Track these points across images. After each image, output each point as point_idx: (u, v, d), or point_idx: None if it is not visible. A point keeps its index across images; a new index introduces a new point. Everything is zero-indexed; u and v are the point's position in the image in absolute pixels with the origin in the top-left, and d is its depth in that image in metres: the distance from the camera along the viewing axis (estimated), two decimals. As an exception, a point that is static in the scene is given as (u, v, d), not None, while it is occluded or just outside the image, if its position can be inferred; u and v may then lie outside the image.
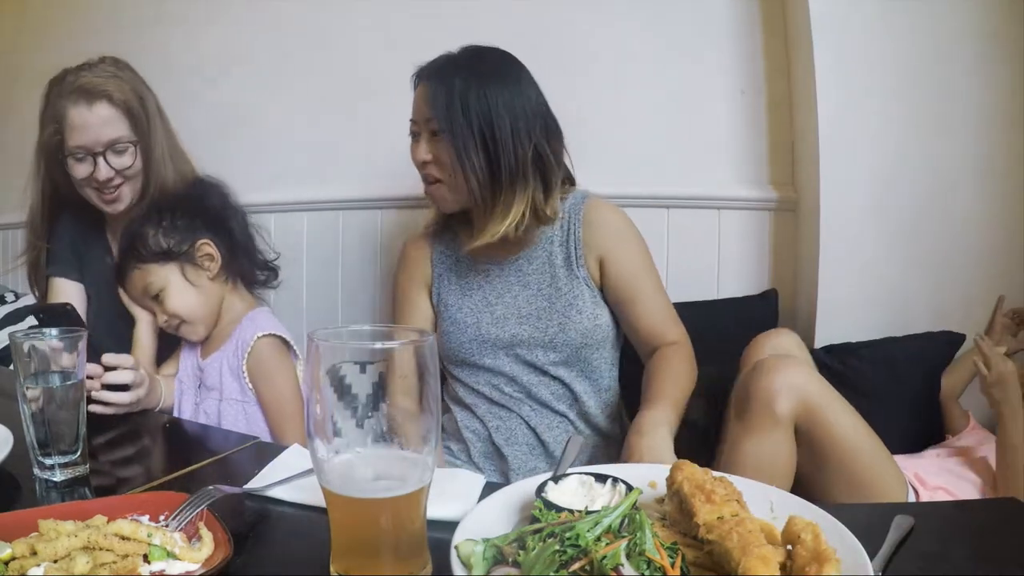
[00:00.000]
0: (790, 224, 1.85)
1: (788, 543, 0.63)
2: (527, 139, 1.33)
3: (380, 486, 0.64)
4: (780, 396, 1.08)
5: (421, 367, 0.63)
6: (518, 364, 1.44)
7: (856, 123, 1.70)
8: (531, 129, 1.33)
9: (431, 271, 1.54)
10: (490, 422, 1.45)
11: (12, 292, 2.28)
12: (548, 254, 1.44)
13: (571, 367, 1.43)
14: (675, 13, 1.86)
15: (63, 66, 1.53)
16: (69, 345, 0.95)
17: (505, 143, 1.31)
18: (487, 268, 1.47)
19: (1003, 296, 1.50)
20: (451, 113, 1.31)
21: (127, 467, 1.09)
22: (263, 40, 2.15)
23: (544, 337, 1.41)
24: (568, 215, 1.44)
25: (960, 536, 0.81)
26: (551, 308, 1.41)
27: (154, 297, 1.45)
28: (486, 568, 0.62)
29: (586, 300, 1.41)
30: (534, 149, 1.34)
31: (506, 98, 1.32)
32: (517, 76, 1.37)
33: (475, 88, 1.31)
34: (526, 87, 1.36)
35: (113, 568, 0.68)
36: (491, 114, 1.31)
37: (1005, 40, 1.65)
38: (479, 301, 1.46)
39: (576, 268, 1.41)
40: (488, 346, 1.44)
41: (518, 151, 1.32)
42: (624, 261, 1.42)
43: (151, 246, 1.43)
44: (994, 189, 1.69)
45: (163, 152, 1.56)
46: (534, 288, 1.43)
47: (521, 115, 1.33)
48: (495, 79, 1.33)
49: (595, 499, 0.74)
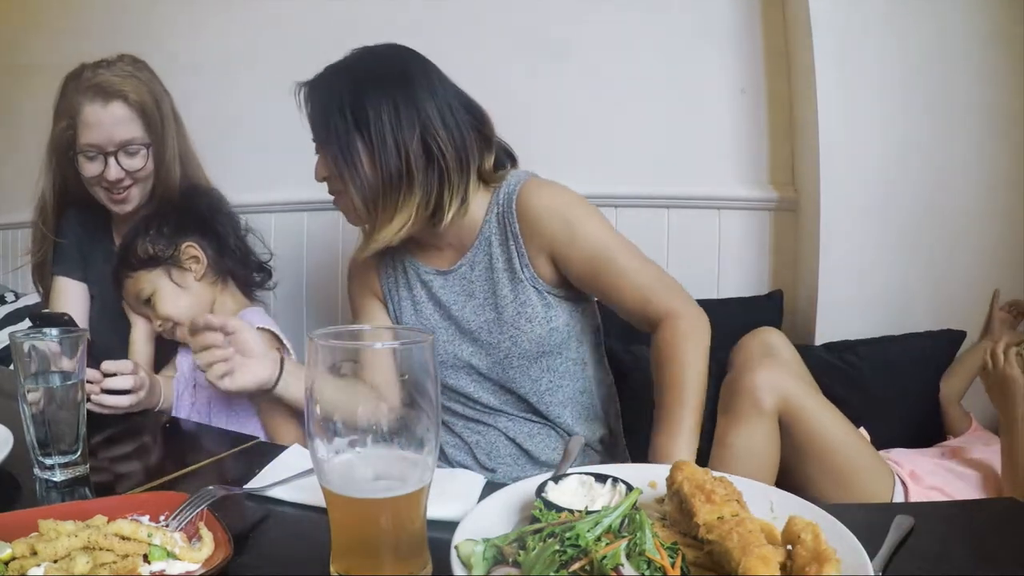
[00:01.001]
0: (790, 224, 1.85)
1: (788, 543, 0.63)
2: (411, 134, 1.21)
3: (380, 486, 0.64)
4: (764, 392, 1.14)
5: (421, 367, 0.63)
6: (481, 382, 1.34)
7: (856, 123, 1.70)
8: (417, 123, 1.22)
9: (379, 285, 1.45)
10: (469, 438, 1.37)
11: (12, 292, 2.28)
12: (489, 257, 1.32)
13: (536, 379, 1.32)
14: (675, 13, 1.87)
15: (62, 66, 1.53)
16: (69, 345, 0.95)
17: (383, 143, 1.20)
18: (431, 278, 1.37)
19: (998, 290, 1.49)
20: (325, 125, 1.24)
21: (127, 467, 1.09)
22: (264, 39, 2.14)
23: (499, 353, 1.31)
24: (502, 207, 1.30)
25: (960, 536, 0.81)
26: (499, 320, 1.30)
27: (146, 302, 1.47)
28: (486, 568, 0.62)
29: (535, 306, 1.29)
30: (421, 143, 1.22)
31: (380, 96, 1.21)
32: (401, 71, 1.25)
33: (346, 94, 1.22)
34: (414, 80, 1.25)
35: (113, 568, 0.68)
36: (363, 117, 1.21)
37: (1005, 40, 1.65)
38: (430, 317, 1.37)
39: (520, 270, 1.28)
40: (448, 367, 1.35)
41: (400, 149, 1.21)
42: (577, 251, 1.25)
43: (139, 254, 1.46)
44: (994, 189, 1.69)
45: (174, 155, 1.56)
46: (480, 298, 1.33)
47: (404, 111, 1.21)
48: (369, 80, 1.24)
49: (595, 499, 0.74)
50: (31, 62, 2.41)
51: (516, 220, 1.28)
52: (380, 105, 1.21)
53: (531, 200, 1.28)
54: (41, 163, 1.59)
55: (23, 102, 2.41)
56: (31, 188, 1.64)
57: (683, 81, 1.87)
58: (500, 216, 1.31)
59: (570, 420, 1.34)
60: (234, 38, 2.18)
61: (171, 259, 1.47)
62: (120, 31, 2.26)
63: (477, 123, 1.30)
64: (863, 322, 1.72)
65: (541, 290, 1.29)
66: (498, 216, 1.31)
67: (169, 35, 2.22)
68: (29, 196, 1.66)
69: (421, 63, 1.29)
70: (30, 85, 2.38)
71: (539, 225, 1.26)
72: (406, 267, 1.40)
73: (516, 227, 1.28)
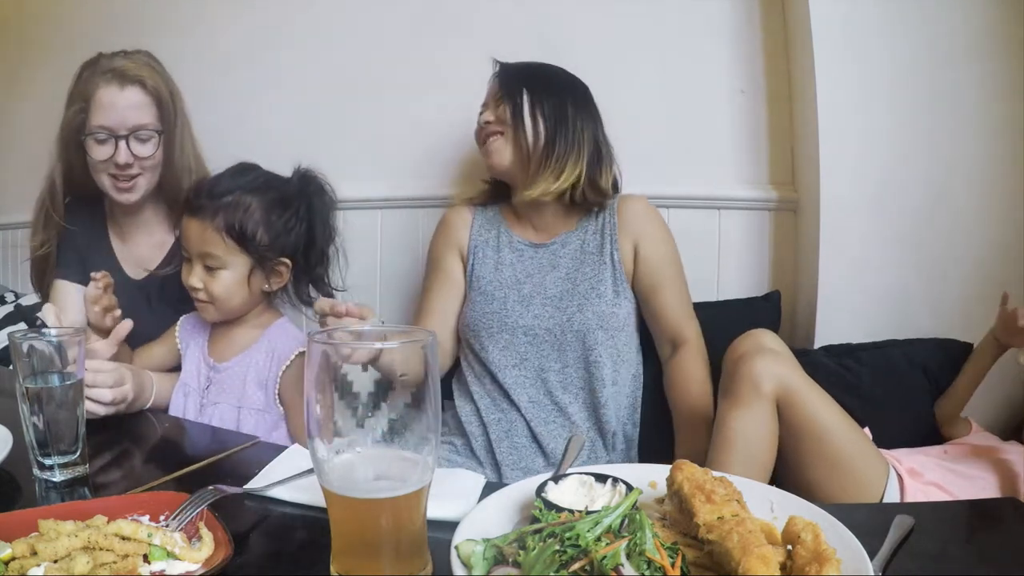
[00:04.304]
0: (790, 224, 1.85)
1: (788, 543, 0.63)
2: (586, 126, 1.50)
3: (380, 486, 0.64)
4: (763, 378, 1.20)
5: (422, 367, 0.63)
6: (532, 345, 1.48)
7: (856, 123, 1.70)
8: (591, 122, 1.52)
9: (468, 240, 1.60)
10: (487, 416, 1.49)
11: (12, 292, 2.28)
12: (582, 241, 1.53)
13: (589, 347, 1.46)
14: (675, 13, 1.86)
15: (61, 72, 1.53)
16: (69, 345, 0.95)
17: (564, 120, 1.48)
18: (523, 248, 1.56)
19: (1007, 294, 1.47)
20: (538, 79, 1.53)
21: (127, 467, 1.09)
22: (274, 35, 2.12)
23: (563, 317, 1.47)
24: (605, 208, 1.55)
25: (960, 536, 0.82)
26: (574, 290, 1.49)
27: (206, 264, 1.37)
28: (486, 568, 0.62)
29: (607, 284, 1.49)
30: (592, 135, 1.50)
31: (572, 93, 1.53)
32: (584, 89, 1.57)
33: (545, 81, 1.53)
34: (590, 100, 1.56)
35: (113, 568, 0.68)
36: (555, 99, 1.49)
37: (1006, 40, 1.65)
38: (509, 278, 1.54)
39: (609, 253, 1.50)
40: (508, 324, 1.49)
41: (576, 129, 1.48)
42: (655, 246, 1.52)
43: (246, 227, 1.35)
44: (995, 189, 1.69)
45: (182, 151, 1.56)
46: (563, 271, 1.52)
47: (584, 111, 1.52)
48: (566, 79, 1.56)
49: (595, 499, 0.74)
50: (31, 63, 2.41)
51: (616, 215, 1.53)
52: (567, 99, 1.51)
53: (635, 201, 1.57)
54: (51, 148, 1.57)
55: (22, 103, 2.41)
56: (31, 188, 1.64)
57: (683, 81, 1.87)
58: (602, 214, 1.55)
59: (601, 398, 1.46)
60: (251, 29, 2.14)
61: (264, 259, 1.39)
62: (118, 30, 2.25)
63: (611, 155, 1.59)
64: (863, 323, 1.72)
65: (618, 274, 1.50)
66: (600, 215, 1.55)
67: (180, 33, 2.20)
68: (29, 196, 1.66)
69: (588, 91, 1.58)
70: (30, 85, 2.37)
71: (637, 219, 1.53)
72: (500, 232, 1.59)
73: (615, 219, 1.53)
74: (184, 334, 1.50)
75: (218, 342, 1.47)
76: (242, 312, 1.44)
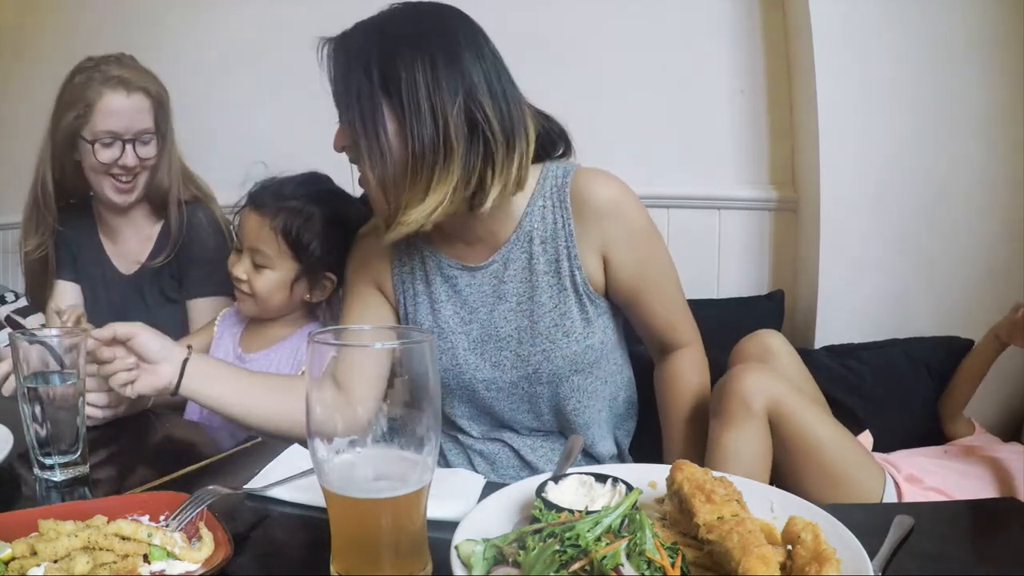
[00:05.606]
0: (790, 224, 1.85)
1: (788, 543, 0.63)
2: (452, 100, 1.03)
3: (380, 486, 0.64)
4: (754, 395, 1.15)
5: (422, 367, 0.63)
6: (498, 397, 1.23)
7: (856, 123, 1.70)
8: (461, 88, 1.04)
9: (390, 271, 1.27)
10: (472, 445, 1.29)
11: (12, 292, 2.28)
12: (528, 256, 1.17)
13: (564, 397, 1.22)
14: (675, 13, 1.87)
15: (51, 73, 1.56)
16: (69, 345, 0.95)
17: (415, 108, 1.02)
18: (456, 273, 1.21)
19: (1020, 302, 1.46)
20: (346, 85, 1.06)
21: (127, 467, 1.08)
22: (267, 40, 2.13)
23: (527, 367, 1.19)
24: (550, 199, 1.16)
25: (960, 536, 0.81)
26: (533, 330, 1.17)
27: (255, 261, 1.38)
28: (486, 568, 0.62)
29: (575, 320, 1.17)
30: (464, 111, 1.04)
31: (417, 55, 1.03)
32: (444, 29, 1.08)
33: (375, 51, 1.05)
34: (459, 40, 1.07)
35: (113, 568, 0.68)
36: (394, 77, 1.03)
37: (1005, 40, 1.65)
38: (451, 320, 1.21)
39: (569, 272, 1.16)
40: (465, 379, 1.22)
41: (438, 116, 1.02)
42: (628, 249, 1.16)
43: (302, 236, 1.35)
44: (995, 189, 1.69)
45: (171, 150, 1.60)
46: (512, 301, 1.18)
47: (445, 73, 1.03)
48: (405, 37, 1.05)
49: (595, 499, 0.74)
50: (27, 62, 2.41)
51: (570, 213, 1.14)
52: (415, 65, 1.02)
53: (591, 189, 1.14)
54: (39, 152, 1.60)
55: (18, 104, 2.41)
56: (27, 188, 1.64)
57: (683, 81, 1.87)
58: (545, 210, 1.16)
59: (588, 439, 1.27)
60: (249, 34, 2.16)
61: (312, 269, 1.39)
62: (117, 29, 2.25)
63: (516, 97, 1.11)
64: (863, 323, 1.72)
65: (585, 300, 1.17)
66: (543, 209, 1.16)
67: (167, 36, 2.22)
68: (25, 196, 1.66)
69: (469, 24, 1.11)
70: (27, 85, 2.37)
71: (600, 218, 1.14)
72: (425, 257, 1.23)
73: (571, 222, 1.14)
74: (222, 324, 1.54)
75: (250, 335, 1.51)
76: (279, 314, 1.46)
